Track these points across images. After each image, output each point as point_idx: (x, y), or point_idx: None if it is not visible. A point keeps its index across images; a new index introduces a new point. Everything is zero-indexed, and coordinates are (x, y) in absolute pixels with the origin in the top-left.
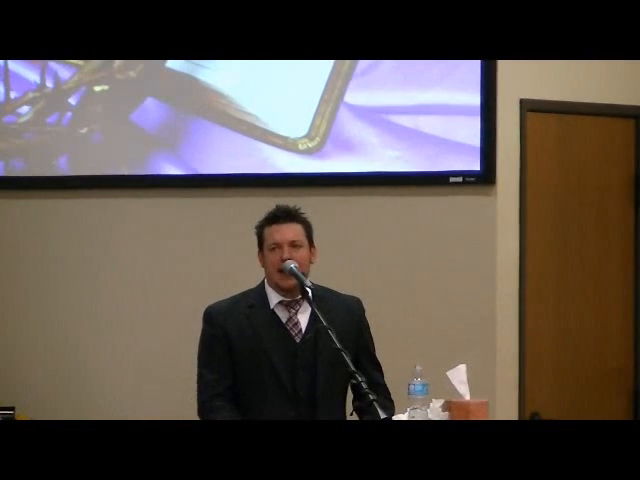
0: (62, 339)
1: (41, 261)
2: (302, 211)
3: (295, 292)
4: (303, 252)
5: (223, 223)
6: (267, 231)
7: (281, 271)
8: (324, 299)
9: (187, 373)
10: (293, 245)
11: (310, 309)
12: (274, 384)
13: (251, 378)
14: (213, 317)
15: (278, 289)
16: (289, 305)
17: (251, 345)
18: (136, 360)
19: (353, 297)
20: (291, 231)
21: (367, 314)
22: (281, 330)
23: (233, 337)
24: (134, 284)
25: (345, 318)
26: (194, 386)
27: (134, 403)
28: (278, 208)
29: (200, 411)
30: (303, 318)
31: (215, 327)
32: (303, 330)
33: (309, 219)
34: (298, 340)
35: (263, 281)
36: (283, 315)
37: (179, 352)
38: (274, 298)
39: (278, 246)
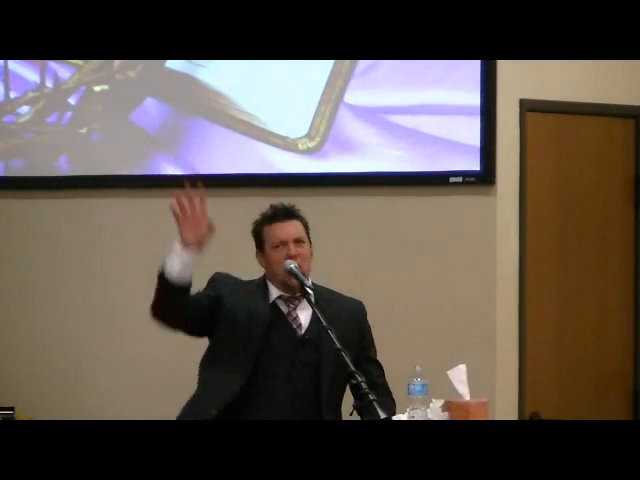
0: (62, 339)
1: (41, 261)
2: (298, 208)
3: (298, 290)
4: (306, 248)
5: (223, 223)
6: (268, 230)
7: None
8: (327, 301)
9: (187, 373)
10: (297, 242)
11: (310, 307)
12: (268, 370)
13: (235, 348)
14: (216, 280)
15: (284, 287)
16: (288, 300)
17: (243, 315)
18: (136, 360)
19: (356, 300)
20: (294, 228)
21: (367, 314)
22: (281, 321)
23: (227, 303)
24: (134, 284)
25: (347, 321)
26: (194, 386)
27: (134, 403)
28: (275, 207)
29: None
30: (302, 314)
31: (212, 287)
32: (303, 325)
33: (306, 217)
34: (299, 334)
35: (264, 275)
36: (283, 309)
37: (179, 352)
38: (274, 292)
39: (283, 244)
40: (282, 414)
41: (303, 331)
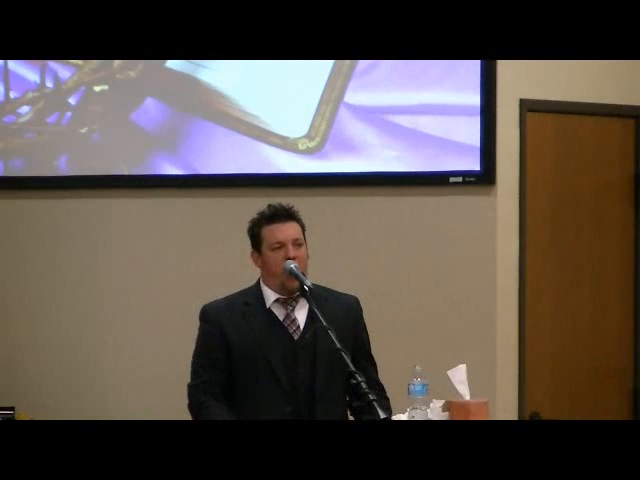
0: (62, 339)
1: (41, 261)
2: (296, 209)
3: (295, 291)
4: (304, 250)
5: (223, 223)
6: (267, 230)
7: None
8: (323, 299)
9: (188, 373)
10: (295, 243)
11: (307, 306)
12: (270, 381)
13: (247, 375)
14: (209, 314)
15: (281, 289)
16: (286, 302)
17: (248, 342)
18: (136, 359)
19: (351, 296)
20: (293, 229)
21: (367, 314)
22: (278, 328)
23: (229, 334)
24: (134, 284)
25: (343, 317)
26: None
27: (134, 403)
28: (274, 207)
29: (193, 409)
30: (300, 315)
31: (211, 324)
32: (301, 327)
33: (305, 218)
34: (296, 337)
35: (258, 280)
36: (280, 313)
37: (180, 352)
38: (271, 296)
39: (282, 245)
40: (278, 414)
41: (300, 334)
